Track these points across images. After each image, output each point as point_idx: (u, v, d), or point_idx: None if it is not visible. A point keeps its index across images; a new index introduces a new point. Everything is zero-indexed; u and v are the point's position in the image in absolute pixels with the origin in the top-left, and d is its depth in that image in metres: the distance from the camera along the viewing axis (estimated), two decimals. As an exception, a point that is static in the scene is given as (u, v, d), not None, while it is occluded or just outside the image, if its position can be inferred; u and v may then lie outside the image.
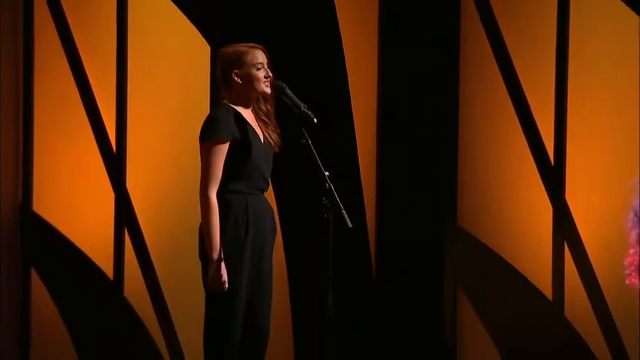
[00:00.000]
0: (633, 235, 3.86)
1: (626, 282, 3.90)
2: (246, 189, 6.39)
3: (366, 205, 7.83)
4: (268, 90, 6.42)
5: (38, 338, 8.14)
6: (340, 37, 7.71)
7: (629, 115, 6.96)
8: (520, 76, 7.43)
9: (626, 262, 3.91)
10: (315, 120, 6.28)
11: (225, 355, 6.40)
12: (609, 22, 7.22)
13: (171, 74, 7.81)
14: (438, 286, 7.70)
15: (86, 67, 8.04)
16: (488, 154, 7.55)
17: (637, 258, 3.86)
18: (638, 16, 7.13)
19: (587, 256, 7.10)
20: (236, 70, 6.44)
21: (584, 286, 7.13)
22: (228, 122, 6.36)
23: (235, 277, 6.29)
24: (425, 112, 7.72)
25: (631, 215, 3.85)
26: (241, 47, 6.44)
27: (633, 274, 3.88)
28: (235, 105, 6.48)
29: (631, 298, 5.97)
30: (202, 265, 6.33)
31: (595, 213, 7.02)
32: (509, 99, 7.44)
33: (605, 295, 7.02)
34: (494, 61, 7.49)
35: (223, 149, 6.34)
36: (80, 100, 8.08)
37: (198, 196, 6.24)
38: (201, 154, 6.36)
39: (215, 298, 6.33)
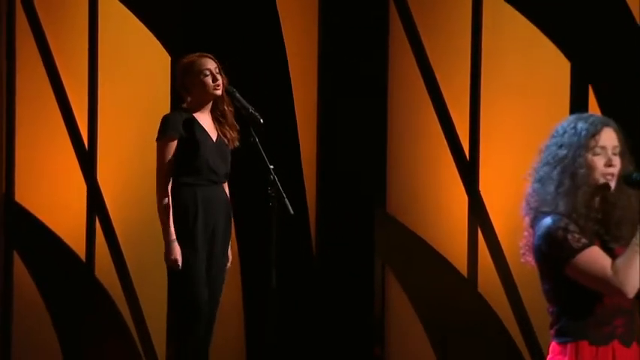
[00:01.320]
0: (526, 220, 3.88)
1: (522, 260, 3.93)
2: (196, 181, 6.53)
3: (307, 194, 7.73)
4: (218, 92, 6.54)
5: (19, 312, 8.11)
6: (285, 49, 7.69)
7: (535, 117, 6.93)
8: (440, 83, 7.41)
9: (521, 244, 3.94)
10: (262, 120, 6.50)
11: (186, 319, 6.55)
12: (518, 39, 7.19)
13: (137, 81, 7.76)
14: (369, 265, 7.65)
15: (61, 75, 8.01)
16: (413, 151, 7.52)
17: (530, 239, 3.85)
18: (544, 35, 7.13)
19: (497, 238, 7.16)
20: (187, 79, 6.59)
21: (494, 264, 7.18)
22: (176, 124, 6.51)
23: (191, 255, 6.46)
24: (358, 113, 7.65)
25: (524, 204, 3.91)
26: (192, 57, 6.57)
27: (527, 253, 3.89)
28: (192, 108, 6.62)
29: (533, 274, 6.06)
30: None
31: (503, 202, 7.02)
32: (430, 103, 7.41)
33: (512, 271, 7.07)
34: (417, 69, 7.43)
35: (172, 146, 6.49)
36: (56, 104, 8.01)
37: (156, 187, 6.44)
38: (157, 152, 6.55)
39: (176, 275, 6.52)
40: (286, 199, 6.42)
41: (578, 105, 6.99)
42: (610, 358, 3.79)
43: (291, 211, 6.45)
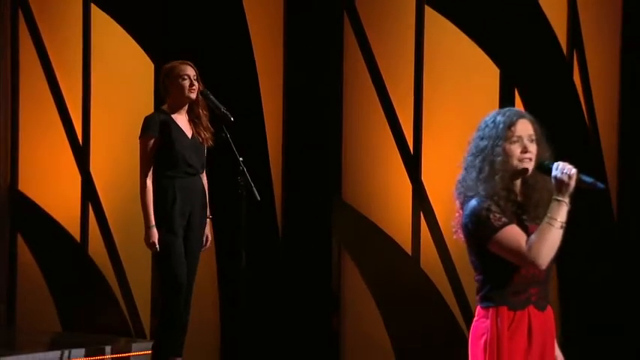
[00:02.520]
0: (457, 203, 3.90)
1: (454, 237, 3.96)
2: (174, 173, 6.52)
3: (273, 183, 7.73)
4: (193, 96, 6.53)
5: (22, 285, 8.12)
6: (254, 57, 7.68)
7: (469, 115, 6.36)
8: (388, 87, 7.38)
9: (453, 223, 3.96)
10: (232, 118, 6.50)
11: (168, 295, 6.56)
12: (455, 50, 7.14)
13: (124, 85, 7.76)
14: (327, 245, 7.65)
15: (59, 81, 8.01)
16: (365, 146, 7.52)
17: (460, 219, 3.87)
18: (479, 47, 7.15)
19: (437, 221, 7.15)
20: (167, 82, 6.59)
21: (434, 244, 7.18)
22: (155, 123, 6.50)
23: (170, 239, 6.47)
24: (318, 112, 7.66)
25: (455, 189, 3.93)
26: (174, 63, 6.56)
27: (458, 230, 3.91)
28: (171, 109, 6.61)
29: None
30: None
31: (442, 189, 6.91)
32: (380, 104, 7.39)
33: (450, 250, 7.08)
34: (368, 75, 7.41)
35: (151, 143, 6.49)
36: (54, 106, 8.02)
37: (140, 179, 6.45)
38: (139, 148, 6.53)
39: (158, 256, 6.53)
40: (254, 188, 6.43)
41: (506, 104, 6.73)
42: (526, 321, 3.82)
43: (258, 198, 6.45)
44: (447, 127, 7.24)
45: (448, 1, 7.24)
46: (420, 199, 7.28)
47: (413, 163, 7.37)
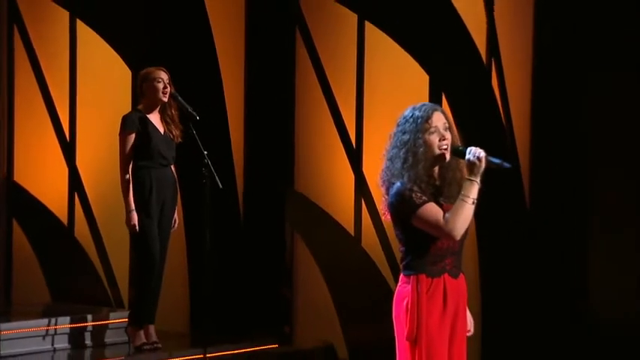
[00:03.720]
0: (382, 189, 3.95)
1: (383, 218, 3.98)
2: (150, 164, 6.54)
3: (236, 174, 7.71)
4: (165, 97, 6.55)
5: (17, 262, 8.06)
6: (218, 62, 7.65)
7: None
8: (333, 90, 7.38)
9: (381, 206, 4.00)
10: (198, 117, 6.52)
11: (146, 272, 6.58)
12: (391, 59, 7.15)
13: (106, 89, 7.70)
14: (282, 228, 7.66)
15: (49, 86, 7.94)
16: (314, 142, 7.51)
17: (386, 203, 3.91)
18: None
19: (376, 206, 7.10)
20: (144, 84, 6.59)
21: (373, 226, 7.18)
22: (133, 121, 6.52)
23: (147, 221, 6.49)
24: (274, 112, 7.63)
25: (380, 177, 3.97)
26: (151, 68, 6.57)
27: (385, 213, 3.95)
28: (145, 109, 6.62)
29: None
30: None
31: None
32: (326, 105, 7.39)
33: (386, 231, 7.04)
34: (317, 80, 7.41)
35: (131, 139, 6.49)
36: (45, 107, 7.96)
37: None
38: (119, 143, 6.54)
39: (135, 236, 6.55)
40: (217, 177, 6.43)
41: None
42: (441, 287, 3.87)
43: (220, 186, 6.47)
44: (384, 125, 6.77)
45: (385, 17, 7.25)
46: (361, 188, 7.27)
47: (355, 156, 7.37)
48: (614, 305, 6.70)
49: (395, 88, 7.17)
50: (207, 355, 6.45)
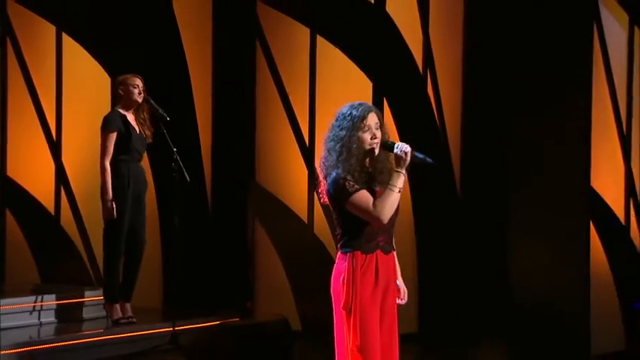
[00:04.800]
0: (320, 175, 3.88)
1: (321, 201, 3.91)
2: (128, 159, 6.49)
3: (205, 169, 7.66)
4: (140, 100, 6.50)
5: (10, 248, 7.89)
6: (187, 67, 7.60)
7: None
8: (290, 96, 7.40)
9: (319, 190, 3.93)
10: (168, 118, 6.46)
11: (115, 256, 6.51)
12: (339, 68, 7.17)
13: (88, 93, 7.59)
14: (244, 217, 7.66)
15: (37, 89, 7.78)
16: (273, 141, 7.50)
17: (323, 187, 3.84)
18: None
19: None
20: (121, 87, 6.55)
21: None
22: (115, 121, 6.47)
23: (121, 212, 6.42)
24: (238, 115, 7.62)
25: (318, 165, 3.89)
26: (128, 75, 6.50)
27: (323, 196, 3.87)
28: (122, 109, 6.57)
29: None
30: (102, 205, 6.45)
31: None
32: (283, 109, 7.40)
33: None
34: (275, 88, 7.42)
35: (112, 137, 6.43)
36: (34, 110, 7.80)
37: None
38: (101, 140, 6.51)
39: (109, 225, 6.48)
40: (185, 172, 6.41)
41: (377, 109, 7.01)
42: (374, 262, 3.84)
43: (188, 179, 6.43)
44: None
45: (335, 31, 7.26)
46: (314, 181, 6.99)
47: (308, 153, 7.38)
48: (529, 280, 6.79)
49: (343, 93, 7.19)
50: (176, 328, 6.45)
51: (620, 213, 6.92)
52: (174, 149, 6.42)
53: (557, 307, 6.63)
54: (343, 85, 7.08)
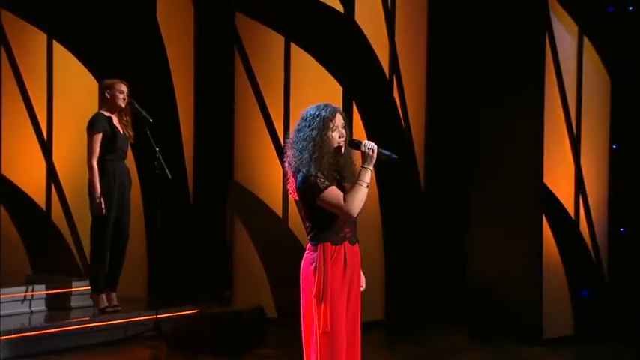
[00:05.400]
0: (289, 173, 3.86)
1: (291, 197, 3.89)
2: (114, 158, 6.49)
3: (187, 168, 7.66)
4: (123, 104, 6.50)
5: (5, 241, 7.80)
6: (170, 72, 7.59)
7: None
8: (265, 100, 7.31)
9: (288, 187, 3.91)
10: (151, 120, 6.46)
11: (102, 249, 6.51)
12: (311, 73, 7.12)
13: (76, 97, 7.51)
14: (223, 212, 7.65)
15: (30, 94, 7.70)
16: (250, 141, 7.43)
17: (292, 184, 3.83)
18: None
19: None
20: (107, 92, 6.53)
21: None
22: (100, 123, 6.46)
23: (108, 207, 6.40)
24: (218, 117, 7.61)
25: (286, 163, 3.88)
26: (113, 80, 6.53)
27: (292, 193, 3.87)
28: (107, 112, 6.57)
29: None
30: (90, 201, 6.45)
31: None
32: (260, 112, 7.34)
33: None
34: (252, 93, 7.36)
35: (98, 138, 6.43)
36: (27, 114, 7.72)
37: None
38: (87, 141, 6.46)
39: (96, 220, 6.49)
40: (166, 170, 6.40)
41: (347, 112, 6.61)
42: (342, 253, 3.82)
43: (170, 177, 6.45)
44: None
45: (307, 39, 7.23)
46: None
47: (282, 154, 6.98)
48: (487, 269, 6.81)
49: (315, 97, 6.83)
50: (159, 316, 6.44)
51: (570, 208, 6.95)
52: (157, 149, 6.44)
53: (512, 294, 6.65)
54: (315, 90, 7.03)
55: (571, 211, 6.95)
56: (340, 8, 7.10)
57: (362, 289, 3.94)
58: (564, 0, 6.81)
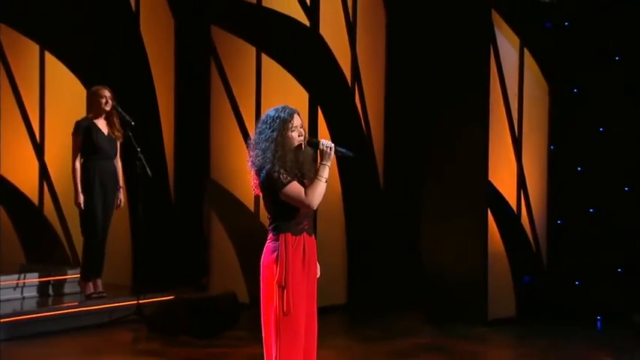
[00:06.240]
0: (252, 171, 3.79)
1: (254, 193, 3.80)
2: (95, 158, 6.44)
3: (168, 167, 7.60)
4: (108, 108, 6.46)
5: (3, 234, 7.65)
6: (154, 86, 7.56)
7: None
8: (239, 104, 7.26)
9: (252, 184, 3.83)
10: (133, 123, 6.44)
11: (90, 239, 6.47)
12: (280, 81, 7.06)
13: (66, 102, 7.42)
14: (201, 206, 7.60)
15: (24, 100, 7.58)
16: (225, 142, 7.36)
17: (256, 182, 3.76)
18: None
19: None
20: (93, 98, 6.49)
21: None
22: (81, 126, 6.42)
23: (92, 203, 6.37)
24: (197, 120, 7.50)
25: (249, 163, 3.78)
26: (98, 87, 6.50)
27: (255, 189, 3.82)
28: (93, 116, 6.52)
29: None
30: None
31: None
32: (234, 115, 7.26)
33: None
34: (227, 99, 7.28)
35: (78, 139, 6.39)
36: (21, 119, 7.60)
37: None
38: (72, 142, 6.41)
39: (85, 213, 6.42)
40: (147, 168, 6.39)
41: (313, 117, 6.99)
42: (302, 243, 3.80)
43: (150, 174, 6.43)
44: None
45: (277, 50, 7.17)
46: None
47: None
48: (438, 257, 6.84)
49: (284, 102, 6.60)
50: (141, 301, 6.42)
51: (513, 203, 7.00)
52: (138, 149, 6.43)
53: (461, 280, 6.69)
54: (284, 96, 6.99)
55: (514, 206, 7.00)
56: (306, 22, 7.09)
57: (317, 276, 3.93)
58: (507, 16, 6.85)
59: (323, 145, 3.79)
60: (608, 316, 6.88)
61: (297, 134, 3.81)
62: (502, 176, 6.86)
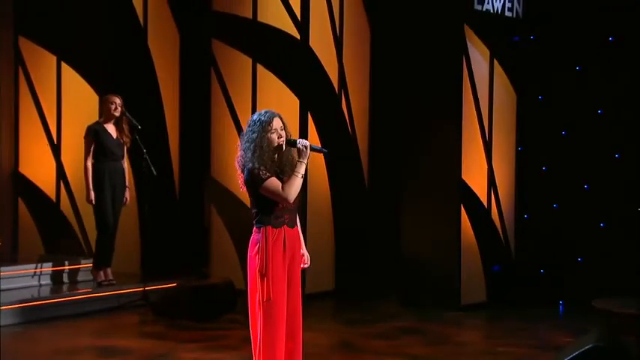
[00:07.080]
0: (239, 169, 3.75)
1: (241, 190, 3.79)
2: (104, 159, 6.42)
3: (173, 167, 7.60)
4: (117, 114, 6.45)
5: (21, 228, 7.71)
6: (160, 93, 7.56)
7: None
8: (236, 110, 7.26)
9: (239, 182, 3.82)
10: (140, 127, 6.42)
11: (102, 231, 6.46)
12: (274, 89, 7.05)
13: (81, 108, 7.39)
14: (202, 202, 7.61)
15: (42, 105, 7.61)
16: (224, 145, 7.33)
17: (242, 179, 3.75)
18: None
19: None
20: (104, 105, 6.49)
21: None
22: (91, 130, 6.41)
23: (103, 200, 6.36)
24: (197, 125, 7.50)
25: (237, 162, 3.76)
26: (109, 95, 6.49)
27: (242, 186, 3.80)
28: (103, 121, 6.52)
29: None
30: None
31: None
32: (232, 120, 7.27)
33: None
34: (225, 105, 7.29)
35: (90, 142, 6.37)
36: (40, 121, 7.62)
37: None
38: (84, 144, 6.41)
39: (97, 209, 6.43)
40: (152, 168, 6.39)
41: (303, 121, 6.98)
42: (282, 235, 3.77)
43: (155, 174, 6.45)
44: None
45: (271, 61, 7.17)
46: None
47: None
48: (416, 248, 6.84)
49: (277, 108, 6.55)
50: (147, 288, 6.45)
51: (484, 199, 7.00)
52: (144, 150, 6.46)
53: (436, 269, 6.72)
54: (277, 102, 6.96)
55: (484, 202, 7.01)
56: (297, 35, 7.09)
57: (306, 266, 3.91)
58: (478, 30, 6.86)
59: (300, 143, 3.79)
60: (569, 301, 6.93)
61: (277, 136, 3.80)
62: (474, 175, 6.87)
